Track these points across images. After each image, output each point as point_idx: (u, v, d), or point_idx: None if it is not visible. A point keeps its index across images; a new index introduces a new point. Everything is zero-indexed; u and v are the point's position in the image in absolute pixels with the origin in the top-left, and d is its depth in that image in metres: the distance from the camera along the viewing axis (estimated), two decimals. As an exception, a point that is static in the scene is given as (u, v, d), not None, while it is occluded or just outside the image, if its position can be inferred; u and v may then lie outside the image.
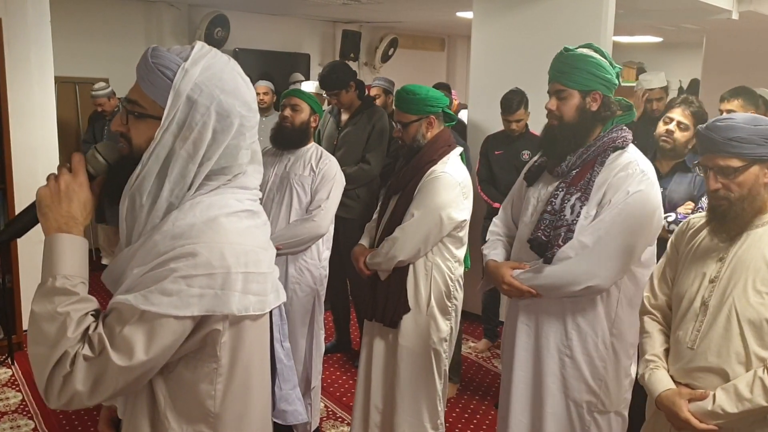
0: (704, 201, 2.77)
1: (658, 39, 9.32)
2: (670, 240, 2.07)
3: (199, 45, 1.31)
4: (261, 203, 3.47)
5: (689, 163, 2.92)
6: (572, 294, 2.19)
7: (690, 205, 2.86)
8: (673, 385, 1.87)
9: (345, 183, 3.29)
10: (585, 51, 2.24)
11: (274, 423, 3.23)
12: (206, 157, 1.27)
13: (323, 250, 3.29)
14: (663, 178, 2.92)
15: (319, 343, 3.36)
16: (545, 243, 2.21)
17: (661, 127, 2.99)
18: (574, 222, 2.18)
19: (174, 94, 1.25)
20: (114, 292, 1.30)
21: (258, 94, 5.89)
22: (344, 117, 4.45)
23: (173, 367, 1.28)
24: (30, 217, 1.32)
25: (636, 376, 2.07)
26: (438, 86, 5.94)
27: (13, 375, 4.13)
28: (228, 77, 1.29)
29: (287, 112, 3.20)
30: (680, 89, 9.16)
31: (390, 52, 9.38)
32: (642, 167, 2.19)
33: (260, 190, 3.45)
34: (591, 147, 2.23)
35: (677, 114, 2.95)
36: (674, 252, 2.03)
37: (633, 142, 2.27)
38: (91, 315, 1.23)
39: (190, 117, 1.25)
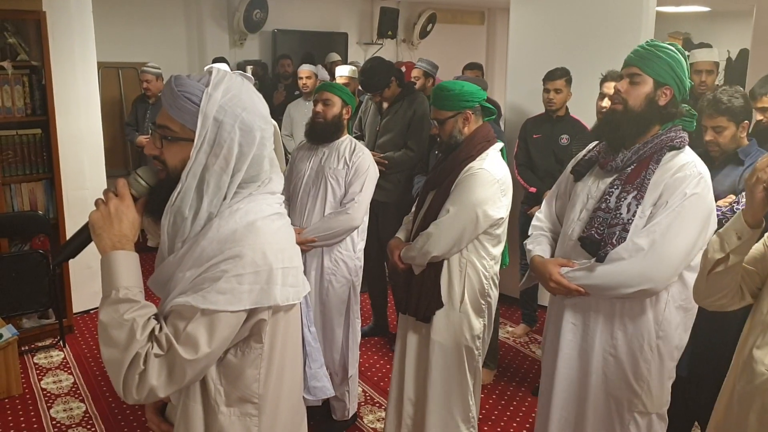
0: (743, 196, 2.70)
1: (706, 8, 9.02)
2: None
3: (216, 70, 1.45)
4: (297, 197, 3.54)
5: (742, 156, 2.82)
6: (623, 296, 2.17)
7: (730, 198, 2.78)
8: None
9: (379, 173, 3.33)
10: (670, 47, 2.21)
11: (315, 408, 3.35)
12: (236, 168, 1.43)
13: (358, 241, 3.34)
14: (714, 168, 2.85)
15: (355, 332, 3.43)
16: (598, 241, 2.19)
17: (707, 136, 2.89)
18: (630, 221, 2.15)
19: (203, 117, 1.40)
20: (160, 295, 1.49)
21: (301, 78, 5.89)
22: (385, 104, 4.48)
23: (223, 355, 1.45)
24: (82, 238, 1.47)
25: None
26: (470, 66, 5.93)
27: (65, 358, 4.30)
28: (245, 96, 1.45)
29: (319, 107, 3.26)
30: (728, 60, 8.88)
31: (428, 28, 9.29)
32: (699, 169, 2.15)
33: (297, 183, 3.54)
34: (648, 143, 2.19)
35: (709, 122, 2.85)
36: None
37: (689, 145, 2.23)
38: (153, 318, 1.39)
39: (218, 135, 1.41)
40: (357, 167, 3.19)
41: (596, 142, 2.42)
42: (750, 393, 1.79)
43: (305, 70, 5.93)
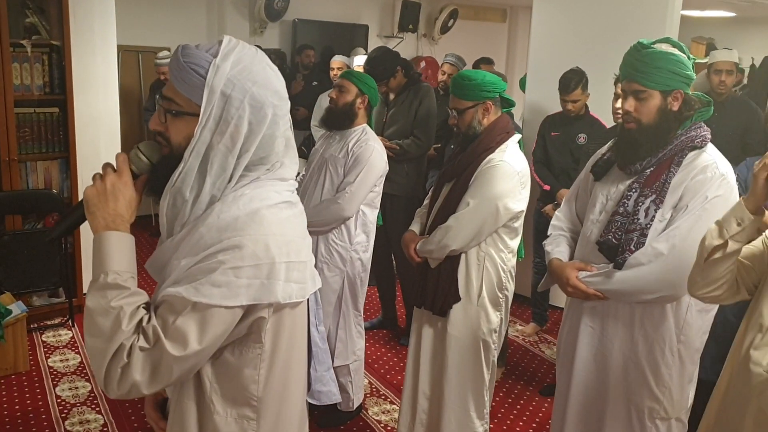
0: None
1: (731, 14, 8.91)
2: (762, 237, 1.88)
3: (227, 39, 1.33)
4: (304, 181, 3.46)
5: None
6: (643, 302, 2.12)
7: None
8: None
9: (386, 168, 3.26)
10: (664, 47, 2.08)
11: (314, 404, 3.25)
12: (244, 149, 1.31)
13: (357, 233, 3.26)
14: None
15: (349, 325, 3.37)
16: (616, 246, 2.13)
17: None
18: (648, 226, 2.08)
19: (208, 91, 1.27)
20: (157, 279, 1.37)
21: (332, 68, 5.81)
22: (391, 96, 4.46)
23: (219, 353, 1.33)
24: (78, 215, 1.36)
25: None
26: (481, 60, 5.89)
27: (73, 337, 4.32)
28: (258, 69, 1.32)
29: (334, 93, 3.27)
30: (752, 66, 8.77)
31: (450, 24, 9.24)
32: (722, 170, 2.07)
33: (308, 168, 3.48)
34: (668, 146, 2.11)
35: None
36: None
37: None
38: (143, 308, 1.28)
39: (225, 111, 1.28)
40: (356, 157, 3.14)
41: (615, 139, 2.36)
42: (746, 395, 1.76)
43: (337, 61, 5.84)
